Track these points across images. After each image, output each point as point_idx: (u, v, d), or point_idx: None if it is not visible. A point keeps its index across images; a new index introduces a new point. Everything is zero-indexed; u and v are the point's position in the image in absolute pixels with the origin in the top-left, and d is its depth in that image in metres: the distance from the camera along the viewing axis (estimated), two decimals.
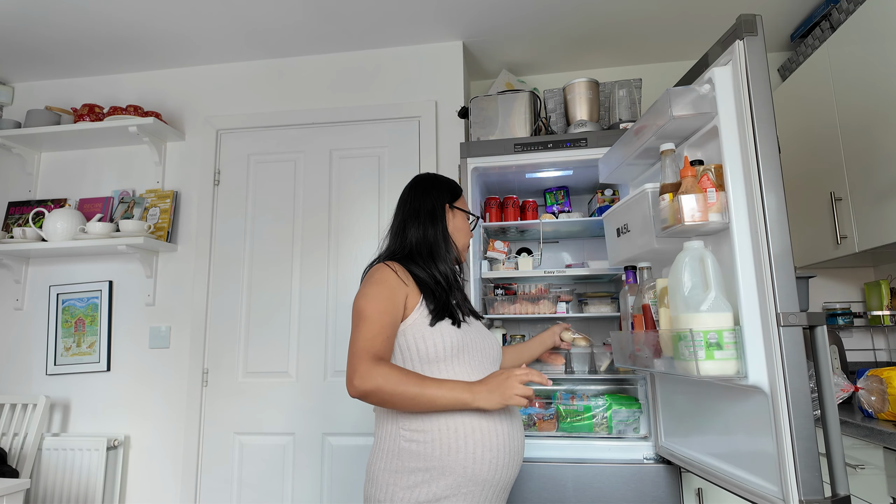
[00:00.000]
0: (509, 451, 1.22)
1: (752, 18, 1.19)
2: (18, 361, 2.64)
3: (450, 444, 1.17)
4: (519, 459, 1.26)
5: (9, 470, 2.16)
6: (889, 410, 1.57)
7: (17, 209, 2.74)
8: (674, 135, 1.41)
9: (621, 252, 1.67)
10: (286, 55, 2.69)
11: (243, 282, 2.55)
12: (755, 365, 1.13)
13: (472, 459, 1.17)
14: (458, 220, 1.43)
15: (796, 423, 1.06)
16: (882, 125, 1.86)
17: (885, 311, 2.25)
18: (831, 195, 2.12)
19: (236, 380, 2.48)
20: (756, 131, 1.15)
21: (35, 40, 2.49)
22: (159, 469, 2.46)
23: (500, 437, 1.21)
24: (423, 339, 1.23)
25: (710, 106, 1.28)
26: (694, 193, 1.24)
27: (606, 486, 1.76)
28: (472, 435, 1.18)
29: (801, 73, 2.36)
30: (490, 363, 1.32)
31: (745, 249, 1.17)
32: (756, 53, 1.18)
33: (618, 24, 2.46)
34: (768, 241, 1.11)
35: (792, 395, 1.07)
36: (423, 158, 2.51)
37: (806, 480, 1.05)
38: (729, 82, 1.23)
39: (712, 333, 1.16)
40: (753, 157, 1.15)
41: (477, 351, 1.29)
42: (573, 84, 2.16)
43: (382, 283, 1.25)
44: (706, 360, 1.16)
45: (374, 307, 1.21)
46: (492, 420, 1.21)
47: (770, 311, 1.10)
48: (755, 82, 1.17)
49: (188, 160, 2.70)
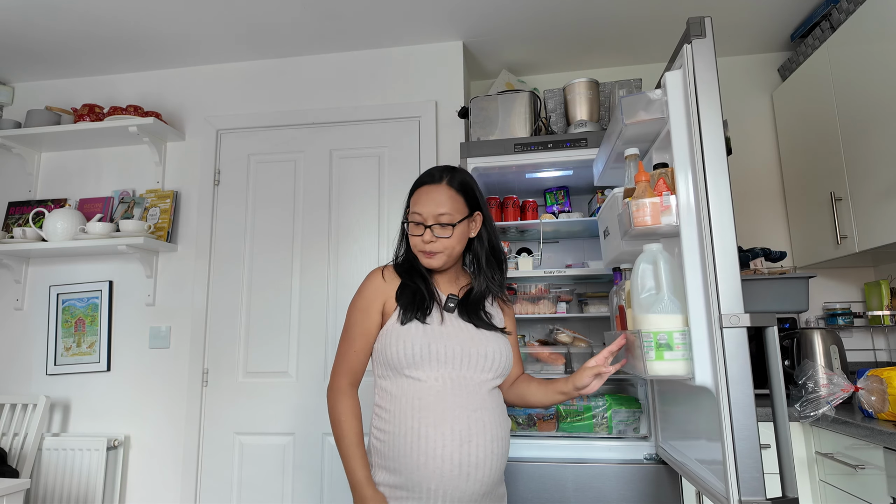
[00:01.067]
0: (459, 463, 1.18)
1: (700, 21, 1.18)
2: (18, 361, 2.64)
3: (401, 448, 1.20)
4: (478, 474, 1.19)
5: (9, 470, 2.16)
6: (889, 410, 1.57)
7: (17, 209, 2.74)
8: (637, 139, 1.43)
9: (608, 254, 1.71)
10: (286, 55, 2.69)
11: (243, 282, 2.55)
12: (702, 366, 1.14)
13: (415, 466, 1.18)
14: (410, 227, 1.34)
15: (737, 422, 1.06)
16: (882, 125, 1.86)
17: (885, 311, 2.25)
18: (831, 195, 2.12)
19: (236, 380, 2.48)
20: (702, 134, 1.15)
21: (35, 40, 2.49)
22: (159, 469, 2.46)
23: (447, 448, 1.17)
24: (390, 345, 1.25)
25: (663, 111, 1.29)
26: (647, 198, 1.26)
27: (606, 486, 1.76)
28: (417, 442, 1.19)
29: (801, 73, 2.36)
30: (473, 370, 1.26)
31: (692, 251, 1.18)
32: (704, 56, 1.18)
33: (618, 24, 2.46)
34: (712, 242, 1.12)
35: (733, 396, 1.07)
36: (423, 158, 2.51)
37: (745, 480, 1.05)
38: (679, 86, 1.23)
39: (662, 335, 1.18)
40: (700, 159, 1.15)
41: (452, 358, 1.24)
42: (573, 84, 2.16)
43: (359, 292, 1.34)
44: (656, 361, 1.18)
45: (351, 318, 1.33)
46: (439, 430, 1.18)
47: (713, 312, 1.10)
48: (702, 84, 1.17)
49: (188, 160, 2.70)
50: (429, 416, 1.20)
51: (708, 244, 1.12)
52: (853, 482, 1.60)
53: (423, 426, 1.19)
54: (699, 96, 1.17)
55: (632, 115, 1.32)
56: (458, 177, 1.35)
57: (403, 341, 1.24)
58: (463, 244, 1.34)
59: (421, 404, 1.21)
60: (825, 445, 1.74)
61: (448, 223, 1.29)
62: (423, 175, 1.37)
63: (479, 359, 1.27)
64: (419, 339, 1.24)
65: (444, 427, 1.19)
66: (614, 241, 1.56)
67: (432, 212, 1.29)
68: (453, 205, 1.30)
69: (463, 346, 1.26)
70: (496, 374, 1.30)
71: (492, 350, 1.29)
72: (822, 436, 1.76)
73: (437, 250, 1.30)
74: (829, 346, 1.97)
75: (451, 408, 1.21)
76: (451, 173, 1.34)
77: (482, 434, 1.21)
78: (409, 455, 1.18)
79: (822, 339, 1.98)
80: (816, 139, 2.27)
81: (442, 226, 1.29)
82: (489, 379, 1.28)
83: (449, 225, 1.29)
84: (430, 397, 1.22)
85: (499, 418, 1.27)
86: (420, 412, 1.21)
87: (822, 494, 1.76)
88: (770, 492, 1.07)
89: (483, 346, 1.28)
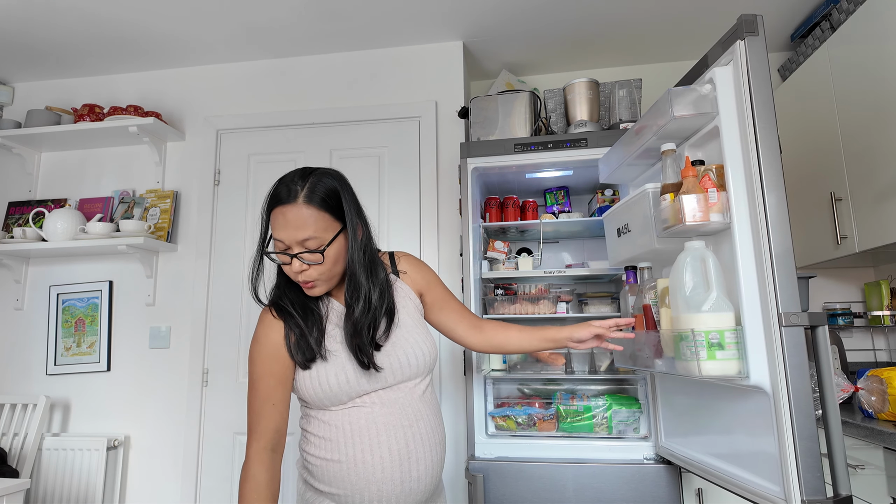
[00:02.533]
0: (401, 481, 1.12)
1: (753, 18, 1.19)
2: (18, 361, 2.64)
3: (337, 474, 1.12)
4: (420, 486, 1.14)
5: (9, 470, 2.16)
6: (889, 410, 1.57)
7: (17, 209, 2.74)
8: (674, 135, 1.41)
9: (622, 252, 1.67)
10: (286, 55, 2.69)
11: (243, 282, 2.54)
12: (757, 365, 1.13)
13: (355, 489, 1.11)
14: (278, 255, 1.14)
15: (798, 423, 1.06)
16: (882, 125, 1.86)
17: (885, 312, 2.25)
18: (831, 195, 2.12)
19: (236, 380, 2.48)
20: (757, 131, 1.16)
21: (35, 40, 2.49)
22: (159, 469, 2.46)
23: (387, 471, 1.11)
24: (304, 388, 1.15)
25: (711, 106, 1.28)
26: (695, 193, 1.24)
27: (606, 486, 1.76)
28: (354, 468, 1.11)
29: (801, 73, 2.36)
30: (398, 380, 1.17)
31: (746, 249, 1.17)
32: (757, 53, 1.18)
33: (618, 24, 2.46)
34: (770, 241, 1.12)
35: (794, 396, 1.07)
36: (423, 158, 2.51)
37: (808, 480, 1.05)
38: (730, 82, 1.23)
39: (714, 333, 1.16)
40: (755, 157, 1.15)
41: (372, 379, 1.14)
42: (573, 84, 2.16)
43: (255, 338, 1.21)
44: (708, 361, 1.16)
45: (257, 369, 1.19)
46: (376, 454, 1.11)
47: (772, 311, 1.10)
48: (756, 82, 1.17)
49: (188, 160, 2.70)
50: (363, 440, 1.11)
51: (765, 242, 1.11)
52: (853, 482, 1.60)
53: (357, 451, 1.11)
54: (754, 94, 1.17)
55: (682, 108, 1.29)
56: (317, 185, 1.09)
57: (318, 381, 1.12)
58: (343, 262, 1.14)
59: (353, 429, 1.12)
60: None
61: (316, 248, 1.08)
62: (277, 189, 1.10)
63: (401, 369, 1.17)
64: (332, 375, 1.12)
65: (381, 451, 1.11)
66: (637, 238, 1.53)
67: (294, 237, 1.07)
68: (318, 224, 1.08)
69: (380, 362, 1.14)
70: (423, 372, 1.21)
71: (411, 351, 1.18)
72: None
73: (312, 278, 1.11)
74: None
75: (385, 428, 1.13)
76: (307, 182, 1.09)
77: (421, 447, 1.15)
78: (346, 479, 1.11)
79: None
80: (816, 139, 2.26)
81: (311, 252, 1.08)
82: (417, 382, 1.20)
83: (317, 251, 1.08)
84: (360, 421, 1.13)
85: (434, 422, 1.20)
86: (353, 437, 1.12)
87: None
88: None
89: (402, 352, 1.17)
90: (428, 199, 2.48)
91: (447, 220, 2.46)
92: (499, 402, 2.09)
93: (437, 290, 1.33)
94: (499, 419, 1.96)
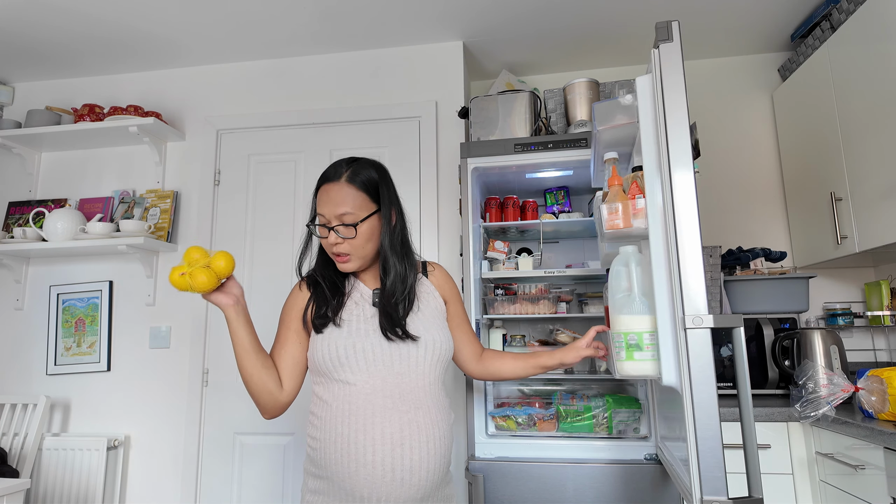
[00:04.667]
0: (392, 468, 1.12)
1: (667, 25, 1.18)
2: (19, 361, 2.64)
3: (332, 455, 1.15)
4: (414, 479, 1.14)
5: (9, 470, 2.16)
6: (889, 410, 1.57)
7: (17, 209, 2.74)
8: (619, 143, 1.45)
9: (600, 254, 1.74)
10: (286, 55, 2.69)
11: (243, 282, 2.55)
12: (668, 366, 1.15)
13: (346, 473, 1.13)
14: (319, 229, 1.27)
15: (699, 422, 1.07)
16: (882, 125, 1.86)
17: (885, 312, 2.25)
18: (831, 195, 2.12)
19: (236, 380, 2.47)
20: (668, 137, 1.16)
21: (35, 41, 2.49)
22: (159, 469, 2.46)
23: (378, 454, 1.12)
24: (315, 350, 1.24)
25: (635, 115, 1.29)
26: (617, 202, 1.28)
27: (606, 486, 1.76)
28: (346, 448, 1.14)
29: (801, 73, 2.36)
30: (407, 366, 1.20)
31: (659, 253, 1.18)
32: (671, 59, 1.18)
33: (618, 24, 2.46)
34: (677, 245, 1.12)
35: (696, 396, 1.07)
36: (423, 158, 2.51)
37: (708, 479, 1.06)
38: (648, 90, 1.24)
39: (632, 335, 1.20)
40: (666, 162, 1.15)
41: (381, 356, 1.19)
42: (573, 84, 2.16)
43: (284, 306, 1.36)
44: (626, 361, 1.20)
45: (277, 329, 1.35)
46: (368, 434, 1.13)
47: (678, 313, 1.11)
48: (669, 88, 1.17)
49: (188, 160, 2.70)
50: (358, 420, 1.15)
51: (673, 246, 1.12)
52: (853, 482, 1.60)
53: (352, 431, 1.14)
54: (665, 99, 1.16)
55: (605, 120, 1.34)
56: (360, 170, 1.24)
57: (327, 344, 1.20)
58: (375, 242, 1.25)
59: (350, 409, 1.16)
60: (825, 445, 1.74)
61: (351, 223, 1.20)
62: (326, 171, 1.27)
63: (409, 354, 1.20)
64: (342, 340, 1.19)
65: (373, 431, 1.14)
66: (599, 242, 1.60)
67: (333, 212, 1.20)
68: (355, 202, 1.21)
69: (392, 342, 1.21)
70: (432, 363, 1.23)
71: (421, 340, 1.22)
72: (822, 436, 1.76)
73: (345, 252, 1.22)
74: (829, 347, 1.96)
75: (381, 410, 1.15)
76: (351, 167, 1.24)
77: (416, 436, 1.15)
78: (340, 462, 1.14)
79: (823, 339, 1.98)
80: (816, 139, 2.27)
81: (345, 226, 1.20)
82: (425, 373, 1.22)
83: (352, 225, 1.20)
84: (359, 400, 1.16)
85: (436, 417, 1.20)
86: (349, 417, 1.16)
87: (822, 494, 1.76)
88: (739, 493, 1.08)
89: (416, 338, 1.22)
90: (428, 199, 2.48)
91: (447, 220, 2.46)
92: (499, 402, 2.09)
93: (456, 306, 1.40)
94: (499, 419, 1.96)
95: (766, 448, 1.83)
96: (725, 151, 2.68)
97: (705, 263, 2.21)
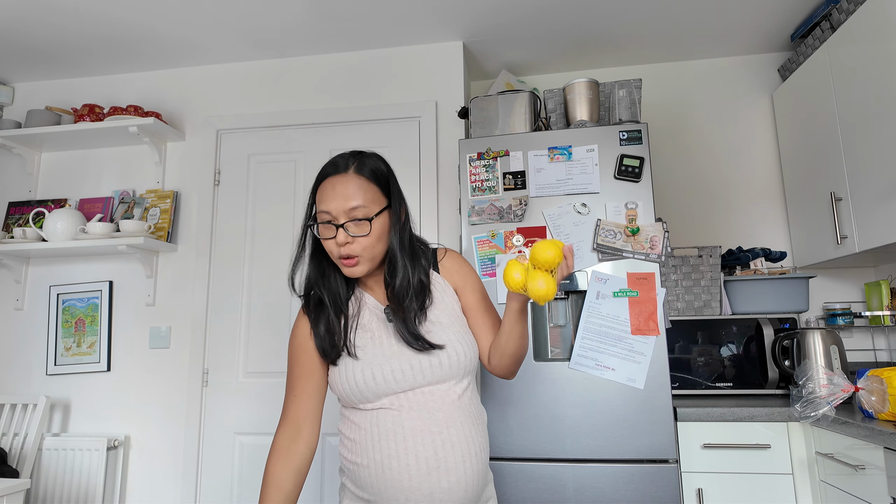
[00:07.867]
0: (430, 493, 1.05)
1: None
2: (18, 361, 2.64)
3: (367, 479, 1.09)
4: (453, 497, 1.06)
5: (9, 470, 2.16)
6: (889, 411, 1.57)
7: (17, 209, 2.74)
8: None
9: None
10: (286, 55, 2.69)
11: (243, 282, 2.55)
12: None
13: (385, 498, 1.07)
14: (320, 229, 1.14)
15: None
16: (882, 125, 1.86)
17: (885, 312, 2.25)
18: (831, 195, 2.12)
19: (236, 380, 2.48)
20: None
21: (35, 40, 2.49)
22: (159, 469, 2.46)
23: (414, 479, 1.05)
24: (335, 384, 1.15)
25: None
26: None
27: (606, 486, 1.76)
28: (381, 474, 1.07)
29: (801, 73, 2.36)
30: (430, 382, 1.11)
31: None
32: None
33: (618, 24, 2.46)
34: None
35: None
36: (423, 158, 2.51)
37: None
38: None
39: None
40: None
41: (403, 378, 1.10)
42: (573, 84, 2.16)
43: (291, 334, 1.23)
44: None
45: (288, 364, 1.22)
46: (402, 461, 1.06)
47: None
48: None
49: (188, 160, 2.70)
50: (389, 445, 1.07)
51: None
52: (853, 482, 1.60)
53: (384, 457, 1.06)
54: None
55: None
56: (368, 161, 1.13)
57: (345, 378, 1.11)
58: (385, 242, 1.13)
59: (380, 431, 1.08)
60: (825, 445, 1.74)
61: (364, 217, 1.07)
62: (326, 165, 1.14)
63: (430, 369, 1.10)
64: (359, 373, 1.10)
65: (407, 458, 1.06)
66: None
67: (342, 207, 1.07)
68: (367, 195, 1.09)
69: (412, 361, 1.10)
70: (457, 374, 1.13)
71: (443, 350, 1.11)
72: (822, 436, 1.76)
73: (356, 253, 1.08)
74: (829, 347, 1.96)
75: (412, 434, 1.07)
76: (358, 158, 1.13)
77: (451, 457, 1.07)
78: (376, 485, 1.07)
79: (822, 339, 1.98)
80: (816, 139, 2.27)
81: (357, 222, 1.07)
82: (451, 385, 1.12)
83: (365, 220, 1.07)
84: (387, 424, 1.08)
85: (470, 431, 1.11)
86: (380, 441, 1.08)
87: (822, 494, 1.76)
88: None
89: (437, 350, 1.11)
90: (428, 199, 2.48)
91: (447, 220, 2.46)
92: None
93: (471, 294, 1.23)
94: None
95: (766, 448, 1.83)
96: (725, 151, 2.68)
97: (706, 263, 2.21)
